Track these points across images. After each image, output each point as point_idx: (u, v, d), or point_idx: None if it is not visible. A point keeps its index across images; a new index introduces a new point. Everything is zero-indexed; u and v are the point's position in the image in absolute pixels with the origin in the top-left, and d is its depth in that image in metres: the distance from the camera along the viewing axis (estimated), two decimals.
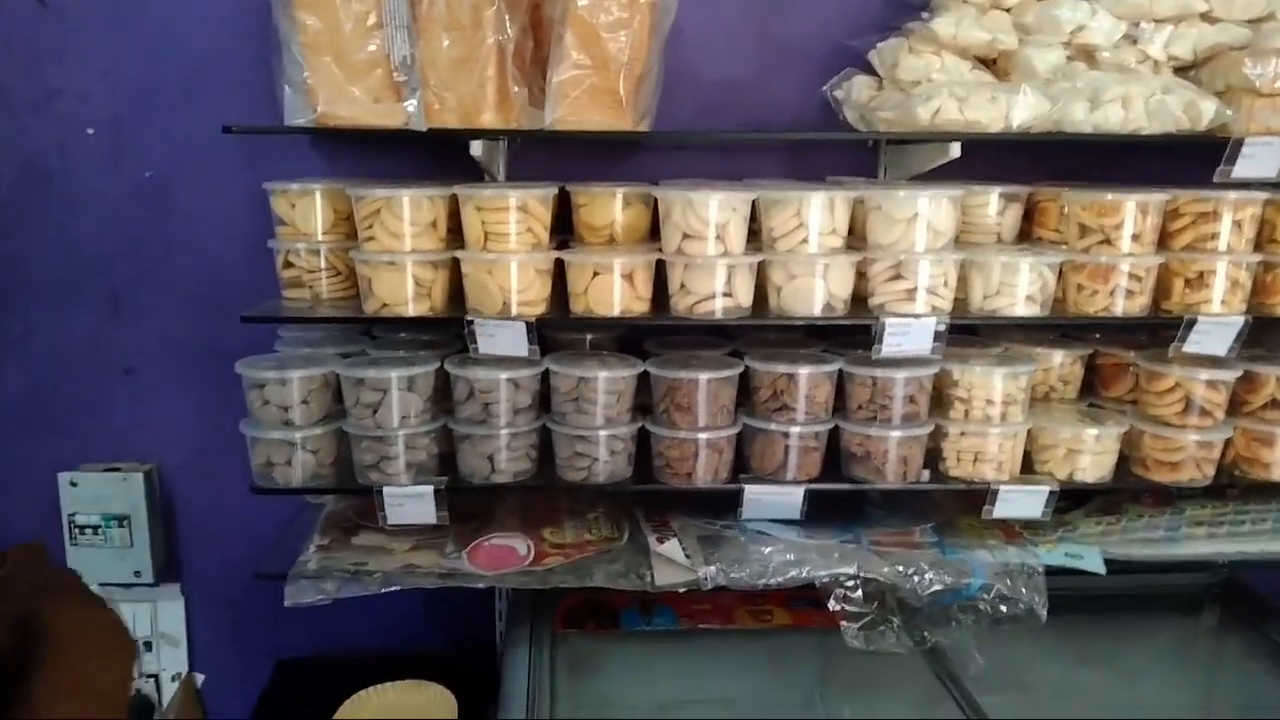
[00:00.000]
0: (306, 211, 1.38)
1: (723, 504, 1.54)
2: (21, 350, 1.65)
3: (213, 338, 1.66)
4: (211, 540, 1.75)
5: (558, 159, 1.61)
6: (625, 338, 1.61)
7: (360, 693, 1.56)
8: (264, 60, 1.43)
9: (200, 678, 1.78)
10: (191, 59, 1.60)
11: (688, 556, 1.41)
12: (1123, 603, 1.81)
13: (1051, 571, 1.52)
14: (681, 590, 1.41)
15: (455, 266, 1.35)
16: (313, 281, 1.40)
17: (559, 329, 1.49)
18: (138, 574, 1.71)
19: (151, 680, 1.79)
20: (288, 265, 1.40)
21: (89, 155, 1.56)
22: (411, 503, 1.35)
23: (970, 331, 1.64)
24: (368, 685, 1.62)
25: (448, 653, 1.75)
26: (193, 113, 1.60)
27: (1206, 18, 1.53)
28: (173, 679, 1.80)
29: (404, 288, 1.30)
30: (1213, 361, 1.51)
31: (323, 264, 1.40)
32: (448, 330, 1.52)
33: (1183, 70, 1.56)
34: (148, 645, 1.78)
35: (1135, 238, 1.45)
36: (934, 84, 1.43)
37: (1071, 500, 1.65)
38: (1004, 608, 1.44)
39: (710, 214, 1.30)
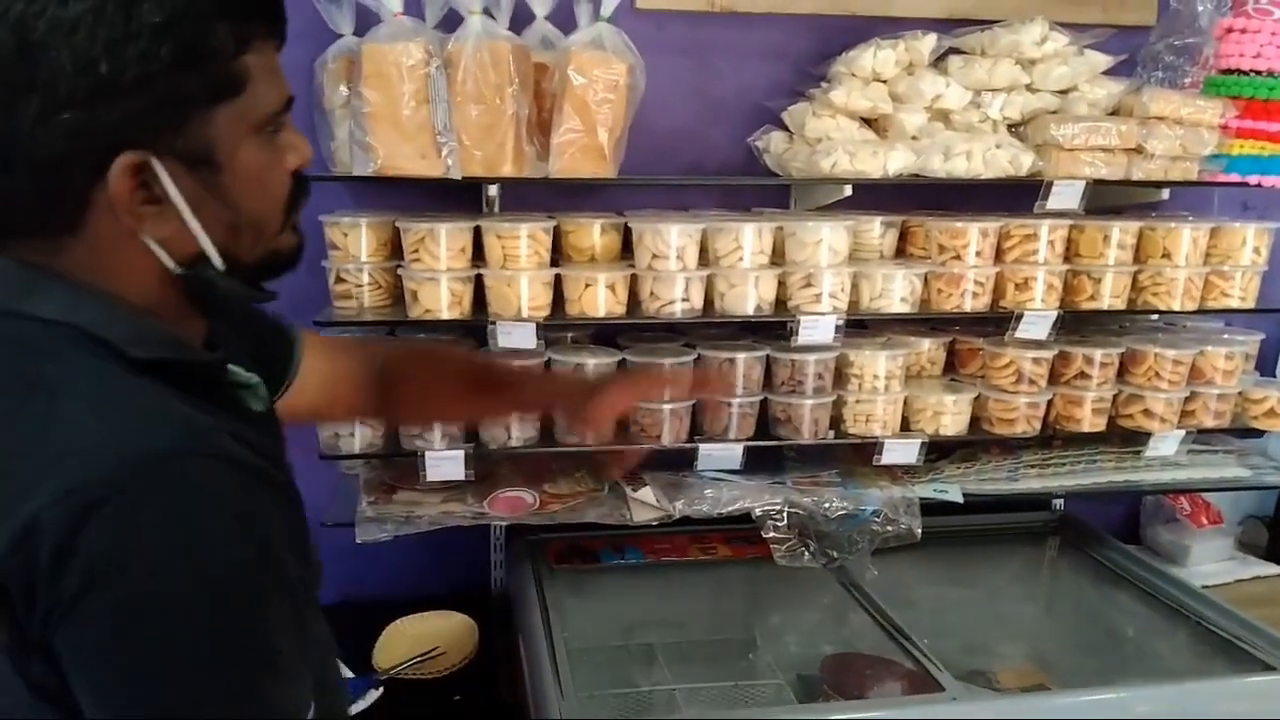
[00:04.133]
0: (356, 239, 1.65)
1: (680, 461, 1.81)
2: None
3: None
4: None
5: (540, 195, 1.86)
6: (598, 336, 1.84)
7: (395, 623, 1.77)
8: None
9: None
10: None
11: (658, 499, 1.74)
12: (983, 537, 2.10)
13: (925, 503, 1.80)
14: (655, 524, 1.70)
15: (479, 281, 1.65)
16: (359, 294, 1.68)
17: (552, 330, 1.73)
18: None
19: None
20: (339, 281, 1.68)
21: None
22: (446, 463, 1.65)
23: (861, 325, 1.87)
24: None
25: (451, 594, 1.97)
26: None
27: (1029, 88, 1.79)
28: None
29: (442, 297, 1.62)
30: (1037, 344, 1.80)
31: (366, 280, 1.68)
32: (461, 330, 1.74)
33: (1014, 127, 1.81)
34: None
35: (978, 253, 1.74)
36: (832, 141, 1.71)
37: (939, 451, 1.90)
38: (890, 529, 1.74)
39: (672, 239, 1.61)
